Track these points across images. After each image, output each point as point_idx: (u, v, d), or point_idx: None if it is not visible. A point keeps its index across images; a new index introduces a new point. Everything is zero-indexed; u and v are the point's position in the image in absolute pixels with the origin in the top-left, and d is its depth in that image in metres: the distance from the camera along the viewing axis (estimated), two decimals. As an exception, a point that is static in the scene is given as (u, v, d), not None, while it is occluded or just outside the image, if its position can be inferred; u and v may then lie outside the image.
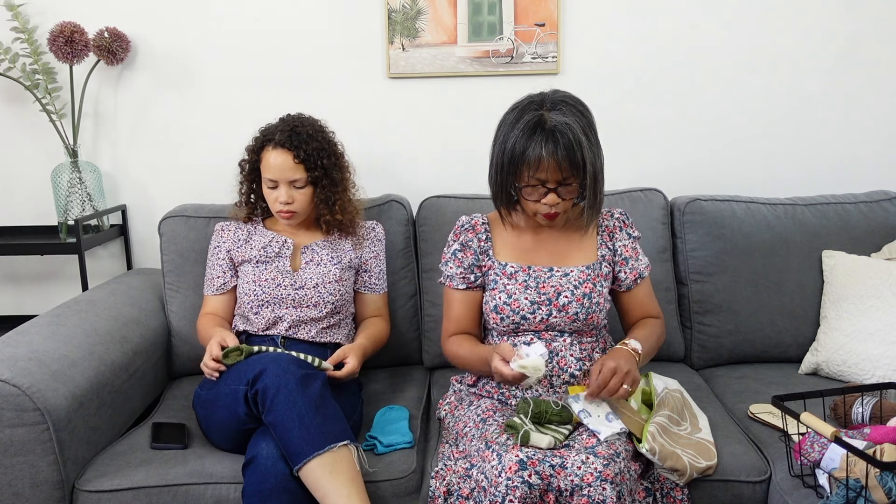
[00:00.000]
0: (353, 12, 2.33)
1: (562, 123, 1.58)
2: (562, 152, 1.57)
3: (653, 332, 1.77)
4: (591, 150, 1.61)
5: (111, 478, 1.62)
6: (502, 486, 1.41)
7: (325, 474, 1.50)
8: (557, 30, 2.32)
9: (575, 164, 1.58)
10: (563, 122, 1.58)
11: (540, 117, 1.59)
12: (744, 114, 2.39)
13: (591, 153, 1.61)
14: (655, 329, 1.78)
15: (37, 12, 2.31)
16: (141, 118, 2.40)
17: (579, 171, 1.60)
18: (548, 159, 1.57)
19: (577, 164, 1.59)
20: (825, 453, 1.49)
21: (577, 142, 1.57)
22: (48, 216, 2.44)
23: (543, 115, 1.59)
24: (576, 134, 1.57)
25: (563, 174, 1.60)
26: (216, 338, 1.75)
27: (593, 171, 1.61)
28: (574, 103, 1.64)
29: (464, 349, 1.75)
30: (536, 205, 1.65)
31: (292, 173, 1.85)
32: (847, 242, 2.14)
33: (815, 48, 2.34)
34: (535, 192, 1.64)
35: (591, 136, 1.62)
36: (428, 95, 2.38)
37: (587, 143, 1.59)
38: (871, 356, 1.93)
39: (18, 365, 1.59)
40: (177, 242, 2.13)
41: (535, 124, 1.59)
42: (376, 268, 2.02)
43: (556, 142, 1.57)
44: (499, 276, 1.75)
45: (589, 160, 1.60)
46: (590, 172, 1.61)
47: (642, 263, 1.80)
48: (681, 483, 1.58)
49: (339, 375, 1.75)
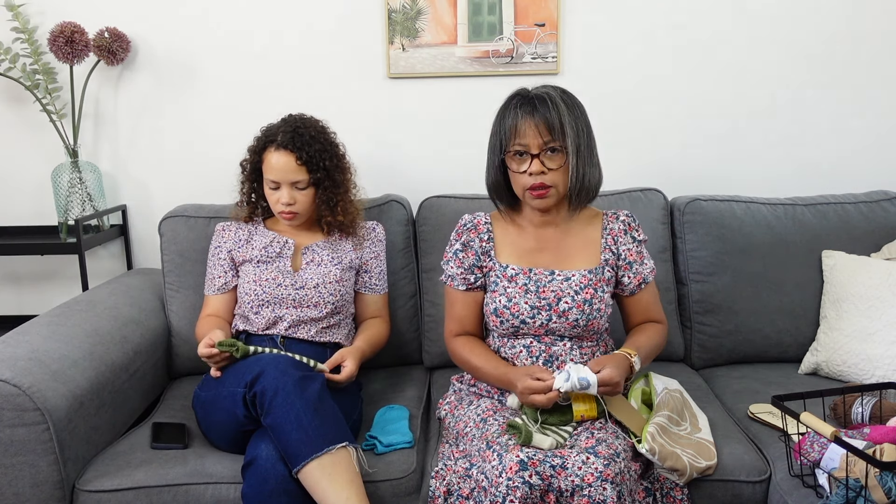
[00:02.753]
0: (353, 12, 2.33)
1: (541, 92, 1.65)
2: (539, 114, 1.62)
3: (652, 339, 1.76)
4: (573, 121, 1.63)
5: (111, 478, 1.62)
6: (503, 486, 1.40)
7: (324, 476, 1.49)
8: (557, 30, 2.32)
9: (552, 125, 1.61)
10: (544, 91, 1.65)
11: (523, 92, 1.68)
12: (744, 114, 2.39)
13: (573, 123, 1.63)
14: (655, 337, 1.77)
15: (37, 12, 2.31)
16: (141, 118, 2.40)
17: (559, 135, 1.61)
18: (525, 121, 1.62)
19: (554, 126, 1.61)
20: (825, 453, 1.49)
21: (556, 106, 1.62)
22: (48, 216, 2.45)
23: (527, 92, 1.67)
24: (554, 100, 1.62)
25: (542, 137, 1.62)
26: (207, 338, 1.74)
27: (575, 140, 1.62)
28: (561, 91, 1.67)
29: (475, 358, 1.74)
30: (524, 178, 1.66)
31: (295, 175, 1.85)
32: (847, 242, 2.14)
33: (815, 48, 2.34)
34: (521, 163, 1.65)
35: (574, 111, 1.65)
36: (428, 95, 2.38)
37: (567, 110, 1.62)
38: (870, 356, 1.93)
39: (19, 365, 1.59)
40: (177, 242, 2.13)
41: (516, 95, 1.67)
42: (376, 268, 2.02)
43: (533, 106, 1.63)
44: (499, 279, 1.74)
45: (569, 126, 1.61)
46: (570, 139, 1.61)
47: (647, 268, 1.78)
48: (681, 483, 1.58)
49: (336, 379, 1.75)
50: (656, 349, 1.77)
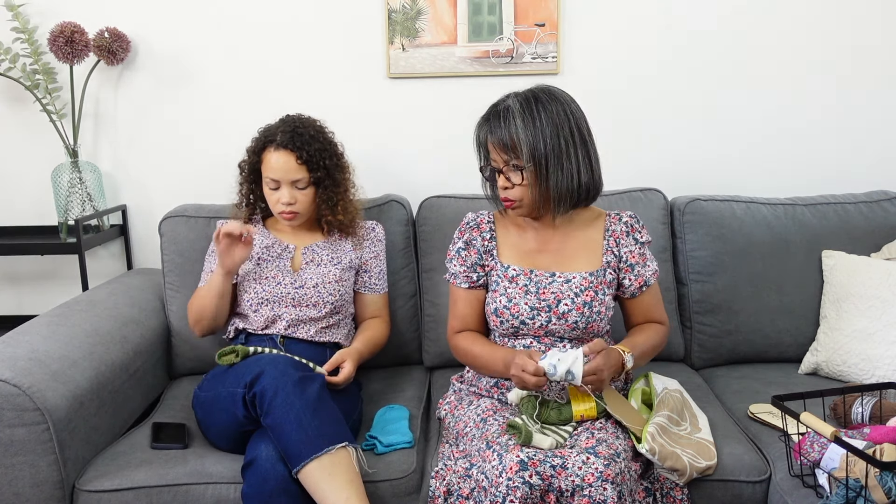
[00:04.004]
0: (353, 12, 2.33)
1: (504, 107, 1.63)
2: (497, 133, 1.62)
3: (650, 339, 1.75)
4: (532, 134, 1.59)
5: (111, 478, 1.62)
6: (503, 486, 1.40)
7: (323, 476, 1.49)
8: (557, 30, 2.32)
9: (506, 146, 1.61)
10: (506, 105, 1.63)
11: (497, 102, 1.67)
12: (744, 114, 2.39)
13: (532, 137, 1.59)
14: (654, 337, 1.76)
15: (37, 12, 2.31)
16: (141, 118, 2.40)
17: (517, 154, 1.61)
18: (490, 140, 1.65)
19: (508, 147, 1.61)
20: (825, 453, 1.49)
21: (511, 122, 1.60)
22: (48, 216, 2.45)
23: (500, 101, 1.67)
24: (513, 115, 1.60)
25: (502, 155, 1.64)
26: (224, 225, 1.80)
27: (533, 155, 1.60)
28: (543, 92, 1.64)
29: (477, 346, 1.75)
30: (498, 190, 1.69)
31: (295, 174, 1.85)
32: (847, 242, 2.14)
33: (815, 48, 2.34)
34: (498, 177, 1.68)
35: (540, 122, 1.60)
36: (428, 96, 2.38)
37: (522, 125, 1.59)
38: (870, 356, 1.93)
39: (18, 365, 1.59)
40: (177, 242, 2.13)
41: (489, 108, 1.68)
42: (376, 268, 2.02)
43: (493, 123, 1.63)
44: (500, 279, 1.74)
45: (526, 143, 1.59)
46: (526, 156, 1.60)
47: (649, 270, 1.77)
48: (681, 483, 1.58)
49: (334, 381, 1.75)
50: (653, 349, 1.77)
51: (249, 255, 1.87)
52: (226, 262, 1.83)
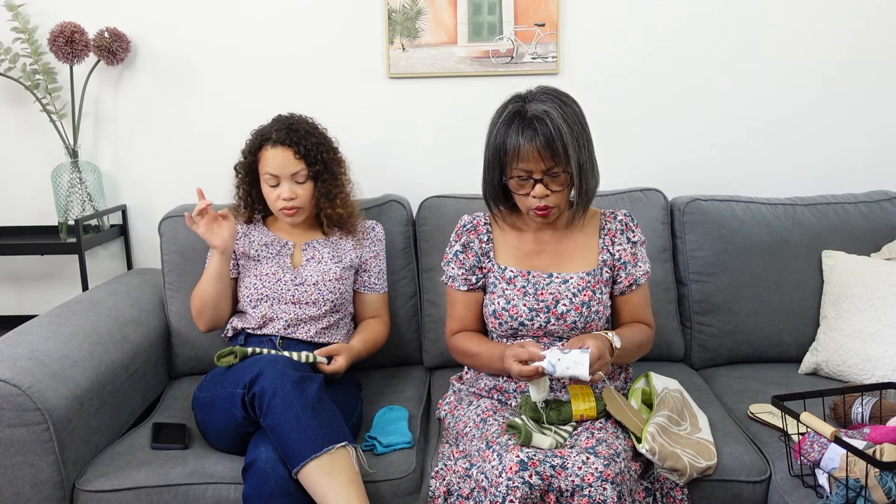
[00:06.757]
0: (353, 12, 2.33)
1: (541, 112, 1.58)
2: (541, 140, 1.57)
3: (636, 334, 1.73)
4: (574, 139, 1.59)
5: (111, 478, 1.62)
6: (503, 486, 1.40)
7: (323, 476, 1.49)
8: (557, 30, 2.32)
9: (556, 151, 1.58)
10: (543, 110, 1.58)
11: (520, 108, 1.61)
12: (744, 114, 2.39)
13: (575, 142, 1.59)
14: (640, 334, 1.75)
15: (37, 12, 2.32)
16: (141, 118, 2.40)
17: (562, 160, 1.59)
18: (527, 147, 1.58)
19: (558, 152, 1.58)
20: (825, 453, 1.49)
21: (557, 128, 1.57)
22: (48, 216, 2.45)
23: (524, 106, 1.61)
24: (555, 121, 1.57)
25: (545, 163, 1.59)
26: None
27: (577, 160, 1.60)
28: (558, 95, 1.64)
29: (476, 345, 1.75)
30: (527, 199, 1.65)
31: (294, 167, 1.85)
32: (847, 242, 2.14)
33: (815, 48, 2.34)
34: (524, 186, 1.64)
35: (575, 126, 1.60)
36: (428, 96, 2.38)
37: (568, 130, 1.58)
38: (870, 356, 1.93)
39: (18, 365, 1.59)
40: (177, 242, 2.13)
41: (514, 114, 1.61)
42: (376, 268, 2.02)
43: (534, 129, 1.57)
44: (498, 280, 1.74)
45: (572, 147, 1.58)
46: (574, 160, 1.59)
47: (640, 270, 1.77)
48: (681, 483, 1.58)
49: (325, 370, 1.75)
50: (638, 347, 1.74)
51: (236, 229, 1.88)
52: (214, 241, 1.84)
